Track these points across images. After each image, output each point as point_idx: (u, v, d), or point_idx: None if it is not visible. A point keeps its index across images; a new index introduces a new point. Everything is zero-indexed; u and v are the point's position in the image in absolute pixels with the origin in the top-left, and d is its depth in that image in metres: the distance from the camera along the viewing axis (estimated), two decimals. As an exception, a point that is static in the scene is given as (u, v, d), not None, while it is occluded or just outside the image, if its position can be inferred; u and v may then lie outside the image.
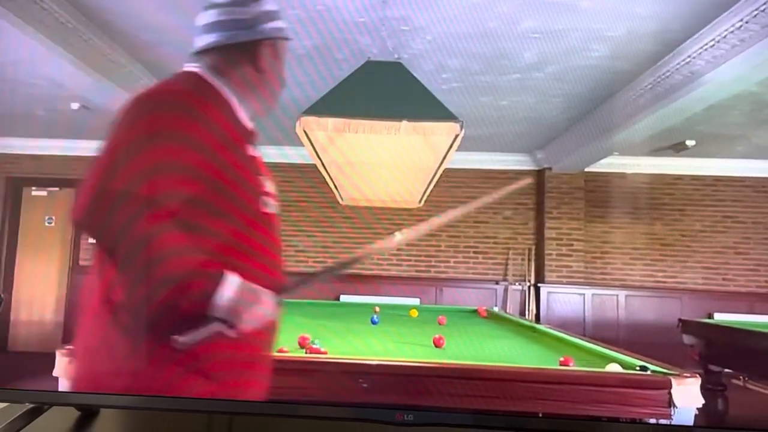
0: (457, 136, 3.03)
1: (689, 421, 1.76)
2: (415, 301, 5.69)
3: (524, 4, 3.48)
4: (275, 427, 1.63)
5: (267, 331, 1.26)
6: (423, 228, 1.41)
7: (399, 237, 1.35)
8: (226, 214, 1.21)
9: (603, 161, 6.32)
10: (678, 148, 6.11)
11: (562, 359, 2.12)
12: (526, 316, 6.33)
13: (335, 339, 2.62)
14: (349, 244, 6.66)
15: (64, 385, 1.72)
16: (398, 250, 6.78)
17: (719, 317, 4.87)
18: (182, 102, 1.24)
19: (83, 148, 6.15)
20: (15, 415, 1.53)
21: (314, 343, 2.22)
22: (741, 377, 4.62)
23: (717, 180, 6.65)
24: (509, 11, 3.55)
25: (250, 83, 1.36)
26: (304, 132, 3.16)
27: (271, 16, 1.41)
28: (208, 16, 1.40)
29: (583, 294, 6.48)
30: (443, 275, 6.79)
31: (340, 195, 3.95)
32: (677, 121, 4.86)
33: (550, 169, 6.72)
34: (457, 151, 3.22)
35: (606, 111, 5.14)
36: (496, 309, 4.98)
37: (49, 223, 6.69)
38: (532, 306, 6.53)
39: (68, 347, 1.79)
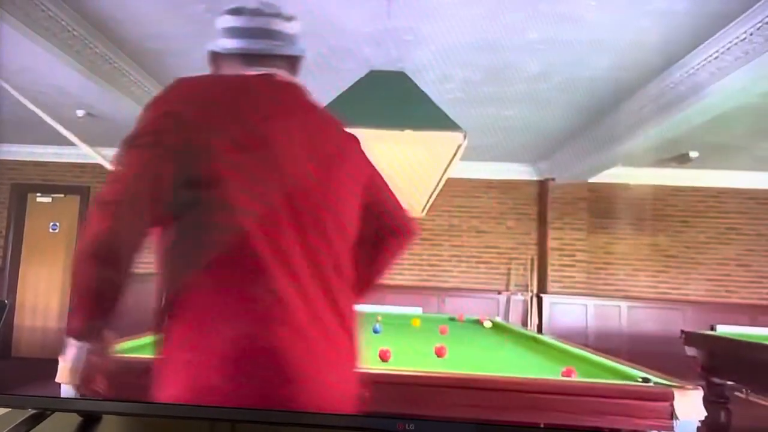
0: (459, 146, 3.03)
1: (691, 433, 1.75)
2: (418, 311, 5.68)
3: (529, 16, 3.49)
4: (277, 435, 1.63)
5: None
6: None
7: None
8: None
9: (606, 172, 6.33)
10: (681, 160, 6.11)
11: (564, 370, 2.12)
12: (529, 326, 6.31)
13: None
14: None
15: (66, 391, 1.72)
16: (401, 258, 6.77)
17: (722, 329, 4.86)
18: None
19: (88, 156, 6.16)
20: (17, 420, 1.54)
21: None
22: (744, 390, 4.60)
23: (720, 192, 6.65)
24: (514, 22, 3.57)
25: None
26: (308, 141, 3.17)
27: None
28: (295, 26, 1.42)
29: (586, 304, 6.47)
30: (446, 284, 6.78)
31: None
32: (681, 132, 4.87)
33: (553, 179, 6.73)
34: (460, 160, 3.23)
35: (609, 122, 5.15)
36: (498, 319, 4.96)
37: (53, 229, 6.71)
38: (534, 316, 6.52)
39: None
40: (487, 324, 4.43)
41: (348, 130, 1.46)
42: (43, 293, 6.59)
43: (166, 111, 1.21)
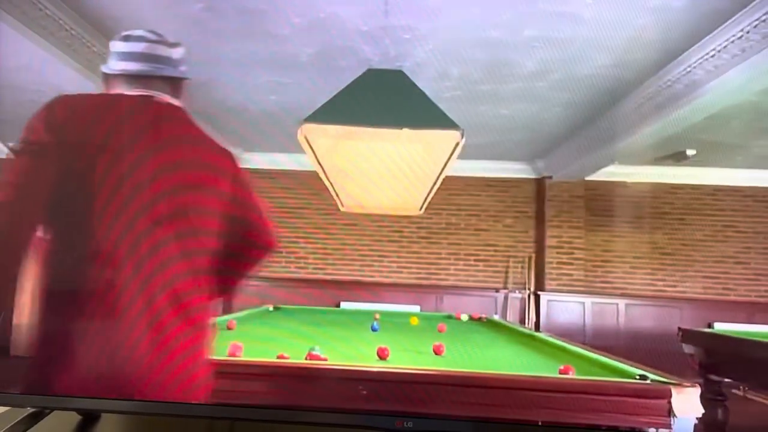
0: (457, 144, 3.04)
1: (689, 430, 1.75)
2: (416, 309, 5.69)
3: (526, 13, 3.49)
4: (275, 433, 1.64)
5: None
6: None
7: None
8: None
9: (603, 170, 6.33)
10: (678, 158, 6.12)
11: (561, 368, 2.12)
12: (526, 324, 6.32)
13: (336, 346, 2.62)
14: (349, 250, 6.67)
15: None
16: (399, 257, 6.79)
17: (719, 326, 4.86)
18: None
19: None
20: (16, 419, 1.54)
21: (314, 350, 2.22)
22: (741, 387, 4.61)
23: (717, 189, 6.66)
24: (511, 20, 3.57)
25: None
26: (306, 139, 3.17)
27: None
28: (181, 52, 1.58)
29: (583, 302, 6.48)
30: (444, 282, 6.79)
31: (341, 202, 3.96)
32: (678, 130, 4.87)
33: (550, 177, 6.73)
34: (457, 158, 3.23)
35: (607, 120, 5.15)
36: (496, 317, 4.98)
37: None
38: (532, 314, 6.53)
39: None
40: (464, 317, 4.60)
41: (223, 147, 1.57)
42: (41, 292, 6.58)
43: (47, 124, 1.36)
